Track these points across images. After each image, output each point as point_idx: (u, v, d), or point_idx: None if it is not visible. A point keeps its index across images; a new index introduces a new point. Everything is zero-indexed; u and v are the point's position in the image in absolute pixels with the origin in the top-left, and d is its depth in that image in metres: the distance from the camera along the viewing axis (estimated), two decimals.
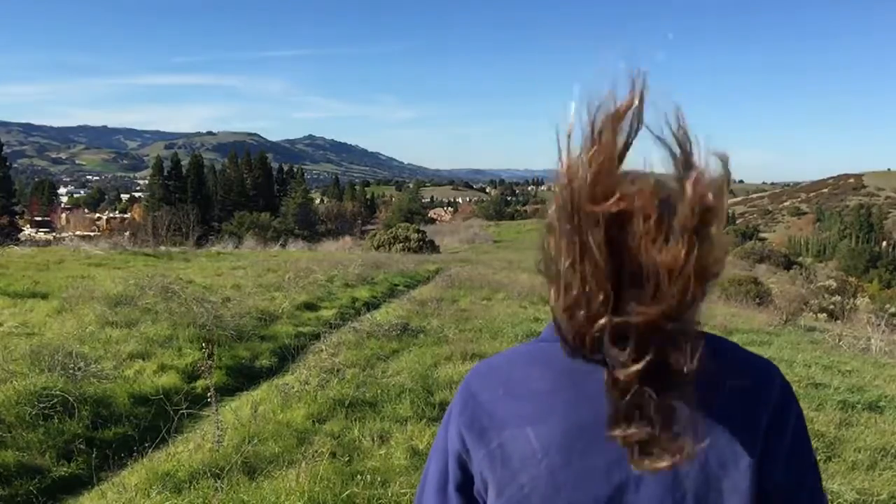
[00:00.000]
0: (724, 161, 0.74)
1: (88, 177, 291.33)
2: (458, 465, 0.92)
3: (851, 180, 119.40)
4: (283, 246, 26.95)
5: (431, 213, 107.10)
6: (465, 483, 0.92)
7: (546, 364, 0.89)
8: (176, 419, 4.68)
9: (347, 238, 37.28)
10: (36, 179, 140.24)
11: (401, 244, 27.41)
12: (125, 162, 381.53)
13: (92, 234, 46.71)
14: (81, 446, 4.32)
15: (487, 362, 0.97)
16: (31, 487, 3.81)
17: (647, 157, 0.76)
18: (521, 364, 0.92)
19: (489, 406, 0.90)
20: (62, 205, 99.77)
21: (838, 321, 13.87)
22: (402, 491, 3.63)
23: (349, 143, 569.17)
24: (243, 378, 6.34)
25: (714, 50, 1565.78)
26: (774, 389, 0.88)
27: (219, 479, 3.65)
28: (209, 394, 4.80)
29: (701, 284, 0.73)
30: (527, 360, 0.92)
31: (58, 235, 47.41)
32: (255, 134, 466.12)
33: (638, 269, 0.72)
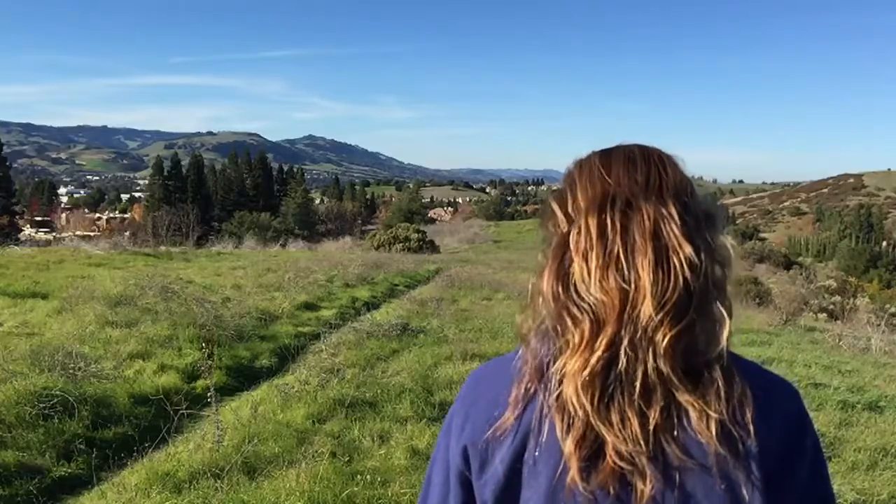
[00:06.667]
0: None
1: (88, 177, 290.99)
2: (460, 482, 0.91)
3: (851, 180, 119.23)
4: (283, 246, 26.97)
5: (431, 213, 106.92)
6: (468, 501, 0.91)
7: None
8: (176, 419, 4.67)
9: (347, 238, 37.23)
10: (36, 179, 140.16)
11: (401, 244, 27.39)
12: (125, 162, 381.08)
13: (92, 234, 46.75)
14: (81, 446, 4.32)
15: (491, 364, 0.97)
16: (31, 487, 3.81)
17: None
18: None
19: (490, 417, 0.88)
20: (62, 205, 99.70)
21: (838, 321, 13.87)
22: (402, 491, 3.63)
23: (349, 143, 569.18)
24: (243, 378, 6.34)
25: (715, 51, 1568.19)
26: (781, 418, 0.82)
27: (219, 479, 3.65)
28: (209, 394, 4.80)
29: None
30: None
31: (58, 235, 47.48)
32: (255, 134, 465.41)
33: None
